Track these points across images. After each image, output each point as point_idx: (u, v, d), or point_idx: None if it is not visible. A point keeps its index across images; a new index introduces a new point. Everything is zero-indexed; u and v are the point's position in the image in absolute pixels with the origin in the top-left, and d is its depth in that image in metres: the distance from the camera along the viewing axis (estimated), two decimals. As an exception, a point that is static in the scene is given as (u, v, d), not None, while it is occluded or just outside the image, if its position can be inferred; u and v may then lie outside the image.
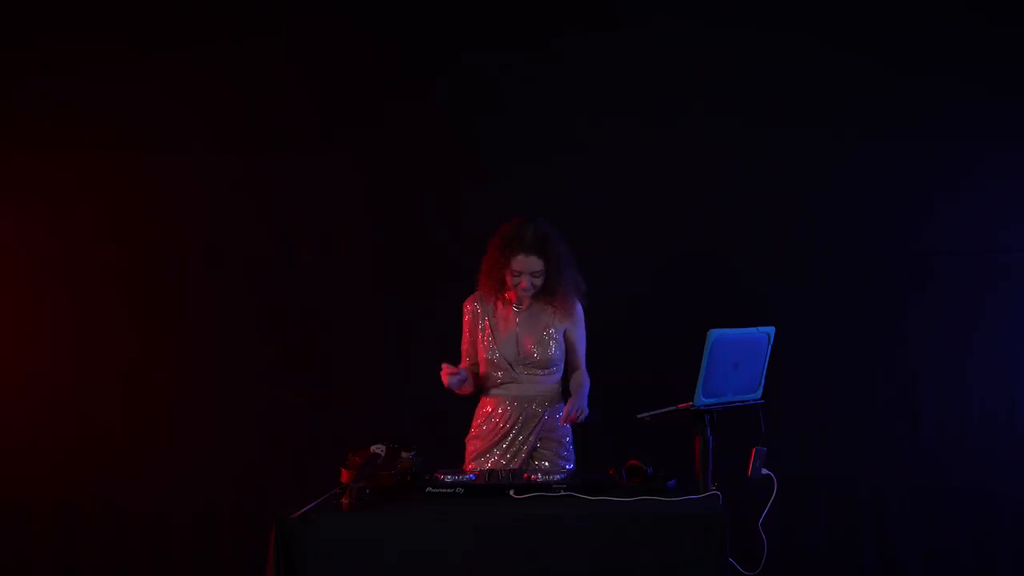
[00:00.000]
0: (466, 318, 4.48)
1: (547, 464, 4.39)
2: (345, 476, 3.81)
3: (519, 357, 4.38)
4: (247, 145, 5.29)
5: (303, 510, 3.67)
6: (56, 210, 5.34)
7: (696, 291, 5.12)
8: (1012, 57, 5.07)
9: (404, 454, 3.95)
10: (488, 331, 4.42)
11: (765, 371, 3.97)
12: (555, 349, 4.39)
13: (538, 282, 4.35)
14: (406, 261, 5.21)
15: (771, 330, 3.93)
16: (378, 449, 3.90)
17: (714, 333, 3.72)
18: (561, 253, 4.37)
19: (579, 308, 4.45)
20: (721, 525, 3.54)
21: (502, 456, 4.38)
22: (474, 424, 4.49)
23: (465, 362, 4.47)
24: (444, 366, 4.26)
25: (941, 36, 5.08)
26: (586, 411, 4.26)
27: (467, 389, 4.45)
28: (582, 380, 4.42)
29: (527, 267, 4.32)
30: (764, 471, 3.89)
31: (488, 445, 4.41)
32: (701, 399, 3.75)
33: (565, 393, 4.44)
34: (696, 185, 5.15)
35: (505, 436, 4.39)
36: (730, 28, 5.15)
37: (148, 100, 5.31)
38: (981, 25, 5.07)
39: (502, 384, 4.42)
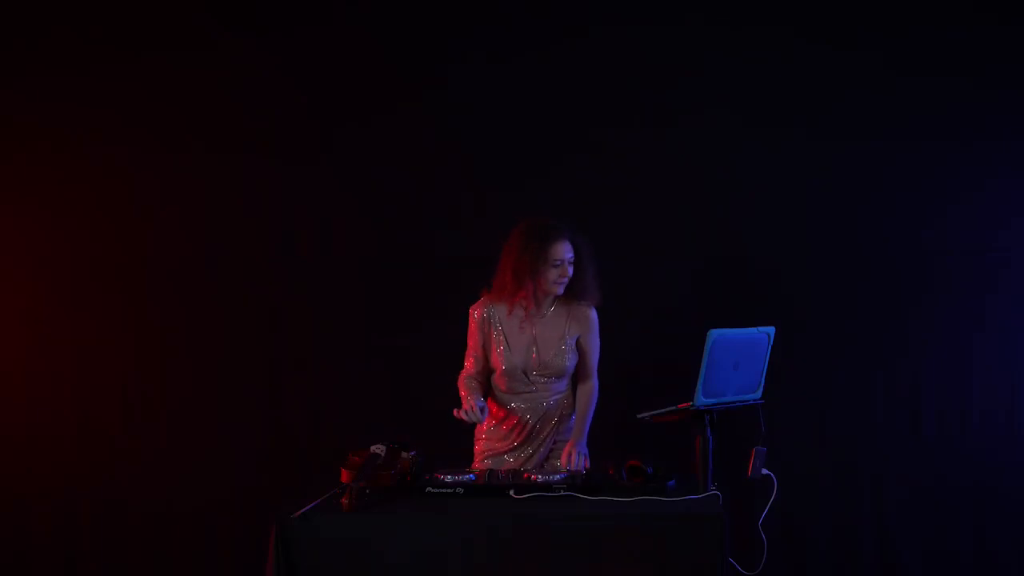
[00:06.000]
0: (473, 324, 4.33)
1: (559, 464, 4.34)
2: (345, 476, 3.81)
3: (533, 365, 4.30)
4: (247, 145, 5.29)
5: (303, 510, 3.67)
6: (56, 210, 5.34)
7: (696, 291, 5.12)
8: (1012, 57, 5.07)
9: (404, 454, 3.94)
10: (501, 340, 4.30)
11: (765, 371, 3.96)
12: (570, 358, 4.32)
13: (570, 272, 4.25)
14: (405, 261, 5.20)
15: (771, 330, 3.93)
16: (378, 449, 3.90)
17: (714, 333, 3.72)
18: (586, 247, 4.29)
19: (594, 314, 4.34)
20: (721, 525, 3.53)
21: (517, 462, 4.33)
22: (483, 425, 4.40)
23: (471, 364, 4.35)
24: (463, 405, 4.15)
25: (941, 36, 5.08)
26: (585, 458, 4.26)
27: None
28: (589, 399, 4.36)
29: (566, 253, 4.21)
30: (764, 471, 3.88)
31: (500, 447, 4.35)
32: (701, 399, 3.75)
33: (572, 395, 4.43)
34: (696, 185, 5.15)
35: (521, 443, 4.33)
36: (730, 28, 5.14)
37: (147, 100, 5.31)
38: (981, 25, 5.07)
39: (518, 393, 4.34)
